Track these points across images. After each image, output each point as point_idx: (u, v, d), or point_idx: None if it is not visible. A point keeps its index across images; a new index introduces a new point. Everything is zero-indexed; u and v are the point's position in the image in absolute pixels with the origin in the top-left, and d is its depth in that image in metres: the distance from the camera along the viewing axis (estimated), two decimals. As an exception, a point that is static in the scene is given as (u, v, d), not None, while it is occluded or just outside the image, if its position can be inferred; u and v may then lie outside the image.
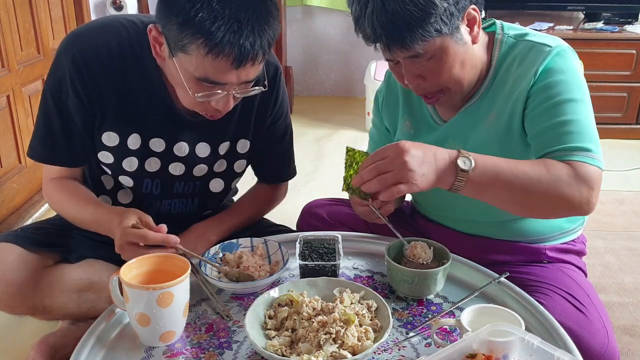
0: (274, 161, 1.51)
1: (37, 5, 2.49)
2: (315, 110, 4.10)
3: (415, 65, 1.16)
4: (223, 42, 1.04)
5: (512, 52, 1.24)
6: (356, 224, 1.48)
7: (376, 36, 1.12)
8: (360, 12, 1.13)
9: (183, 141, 1.34)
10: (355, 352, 0.98)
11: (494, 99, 1.25)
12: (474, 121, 1.28)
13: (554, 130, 1.13)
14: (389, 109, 1.45)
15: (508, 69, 1.23)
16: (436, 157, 1.07)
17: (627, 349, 1.67)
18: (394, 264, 1.16)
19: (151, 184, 1.37)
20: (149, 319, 1.02)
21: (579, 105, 1.15)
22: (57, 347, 1.40)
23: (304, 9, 4.27)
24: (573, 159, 1.09)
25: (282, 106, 1.44)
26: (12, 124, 2.36)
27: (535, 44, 1.21)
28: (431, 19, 1.08)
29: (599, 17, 3.60)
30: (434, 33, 1.10)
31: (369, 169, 1.07)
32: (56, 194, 1.34)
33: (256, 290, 1.20)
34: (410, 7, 1.07)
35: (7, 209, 2.30)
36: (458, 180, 1.07)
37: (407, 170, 1.03)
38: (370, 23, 1.11)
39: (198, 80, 1.12)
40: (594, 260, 2.13)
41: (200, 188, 1.44)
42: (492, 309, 1.04)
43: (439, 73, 1.17)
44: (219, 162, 1.41)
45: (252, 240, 1.31)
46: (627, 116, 3.47)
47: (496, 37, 1.26)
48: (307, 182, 2.85)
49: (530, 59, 1.20)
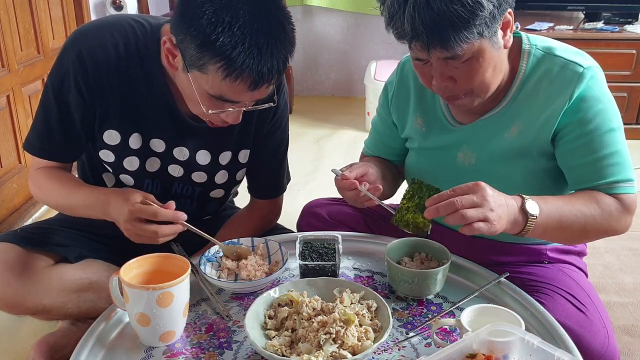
0: (267, 174, 1.48)
1: (37, 5, 2.49)
2: (315, 110, 4.10)
3: (449, 66, 1.12)
4: (242, 67, 1.05)
5: (541, 66, 1.21)
6: (356, 224, 1.48)
7: (416, 34, 1.06)
8: (399, 7, 1.06)
9: (184, 146, 1.34)
10: (355, 352, 0.98)
11: (519, 112, 1.22)
12: (493, 131, 1.25)
13: (597, 164, 1.17)
14: (399, 103, 1.41)
15: (537, 85, 1.20)
16: (507, 202, 1.07)
17: (627, 349, 1.67)
18: (394, 264, 1.16)
19: (151, 184, 1.37)
20: (149, 319, 1.02)
21: (617, 134, 1.17)
22: (57, 347, 1.40)
23: (304, 9, 4.27)
24: (619, 192, 1.16)
25: (281, 118, 1.43)
26: (12, 124, 2.36)
27: (567, 61, 1.18)
28: (477, 21, 1.05)
29: (599, 17, 3.60)
30: (476, 35, 1.07)
31: (446, 203, 1.03)
32: (43, 181, 1.32)
33: (256, 290, 1.20)
34: (457, 6, 1.02)
35: (7, 209, 2.30)
36: (528, 225, 1.08)
37: (489, 210, 1.02)
38: (410, 20, 1.05)
39: (212, 97, 1.13)
40: (594, 260, 2.13)
41: (200, 195, 1.43)
42: (492, 309, 1.04)
43: (472, 76, 1.14)
44: (221, 173, 1.41)
45: (253, 240, 1.31)
46: (627, 116, 3.47)
47: (524, 48, 1.22)
48: (307, 182, 2.85)
49: (563, 79, 1.17)
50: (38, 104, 1.31)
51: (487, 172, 1.25)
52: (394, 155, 1.48)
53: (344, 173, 1.23)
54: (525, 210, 1.08)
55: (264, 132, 1.41)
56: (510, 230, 1.08)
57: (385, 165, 1.44)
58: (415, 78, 1.31)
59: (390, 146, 1.47)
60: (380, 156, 1.49)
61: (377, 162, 1.42)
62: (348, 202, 1.29)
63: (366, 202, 1.23)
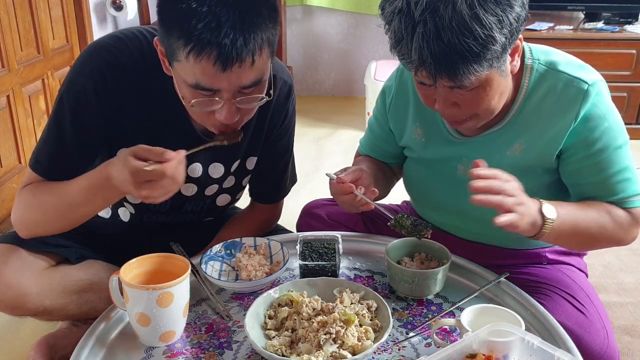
0: (270, 180, 1.47)
1: (37, 5, 2.49)
2: (315, 110, 4.10)
3: (454, 94, 1.08)
4: (201, 40, 0.99)
5: (544, 82, 1.17)
6: (355, 224, 1.48)
7: (422, 63, 1.01)
8: (406, 34, 1.00)
9: (197, 162, 1.31)
10: (355, 352, 0.98)
11: (522, 130, 1.20)
12: (495, 147, 1.23)
13: (606, 182, 1.17)
14: (397, 112, 1.37)
15: (541, 102, 1.18)
16: (529, 203, 1.07)
17: (627, 349, 1.67)
18: (394, 264, 1.16)
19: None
20: (149, 319, 1.02)
21: (623, 150, 1.17)
22: (57, 347, 1.40)
23: (304, 9, 4.27)
24: (630, 205, 1.18)
25: (289, 124, 1.41)
26: (12, 124, 2.36)
27: (571, 78, 1.15)
28: (488, 55, 1.00)
29: (599, 17, 3.60)
30: (486, 68, 1.02)
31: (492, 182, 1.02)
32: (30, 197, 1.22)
33: (256, 290, 1.20)
34: (469, 40, 0.97)
35: (7, 209, 2.30)
36: (545, 228, 1.08)
37: (522, 204, 1.03)
38: (418, 49, 1.00)
39: (192, 88, 1.07)
40: (594, 260, 2.13)
41: (209, 205, 1.42)
42: (492, 309, 1.04)
43: (478, 104, 1.10)
44: (229, 178, 1.39)
45: (256, 240, 1.31)
46: (628, 116, 3.47)
47: (526, 63, 1.18)
48: (307, 182, 2.85)
49: (568, 97, 1.15)
50: (49, 120, 1.22)
51: None
52: (389, 158, 1.46)
53: (339, 177, 1.21)
54: (543, 213, 1.07)
55: (273, 137, 1.39)
56: (528, 232, 1.07)
57: (378, 167, 1.44)
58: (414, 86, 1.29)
59: (386, 150, 1.45)
60: (375, 157, 1.48)
61: (371, 163, 1.42)
62: (343, 207, 1.26)
63: (362, 206, 1.21)
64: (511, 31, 1.01)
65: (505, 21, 0.99)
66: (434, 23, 0.97)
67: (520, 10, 1.01)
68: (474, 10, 0.96)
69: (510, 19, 0.99)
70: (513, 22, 1.00)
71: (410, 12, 0.99)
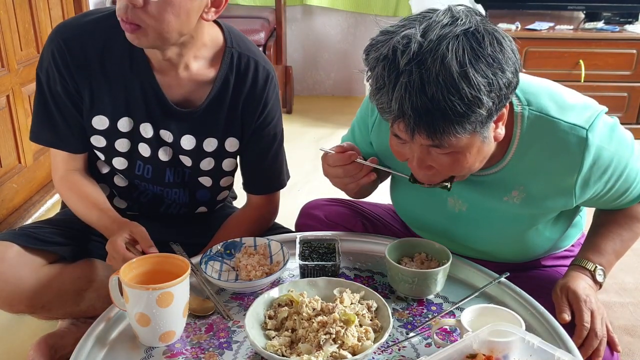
0: (260, 169, 1.47)
1: (37, 5, 2.49)
2: (315, 110, 4.10)
3: (431, 155, 1.02)
4: None
5: (537, 131, 1.10)
6: (353, 225, 1.46)
7: (402, 115, 0.94)
8: (388, 82, 0.94)
9: (168, 130, 1.36)
10: (355, 353, 0.98)
11: (519, 180, 1.14)
12: (488, 191, 1.18)
13: (626, 197, 1.21)
14: (380, 135, 1.27)
15: (539, 154, 1.11)
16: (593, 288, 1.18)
17: (627, 349, 1.67)
18: (394, 264, 1.16)
19: (143, 167, 1.39)
20: (149, 319, 1.02)
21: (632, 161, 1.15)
22: (56, 347, 1.40)
23: (304, 9, 4.26)
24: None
25: (272, 112, 1.41)
26: (12, 124, 2.36)
27: (567, 126, 1.08)
28: (472, 118, 0.93)
29: (600, 17, 3.60)
30: (468, 132, 0.95)
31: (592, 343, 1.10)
32: (66, 192, 1.38)
33: (256, 290, 1.20)
34: (454, 98, 0.90)
35: (6, 209, 2.30)
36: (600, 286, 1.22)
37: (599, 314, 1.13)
38: (399, 99, 0.93)
39: None
40: (594, 260, 2.13)
41: (190, 179, 1.44)
42: (492, 309, 1.04)
43: (454, 168, 1.04)
44: (206, 160, 1.40)
45: (256, 240, 1.31)
46: (628, 116, 3.46)
47: (516, 111, 1.10)
48: (307, 182, 2.85)
49: (569, 151, 1.09)
50: (34, 96, 1.35)
51: (480, 220, 1.22)
52: None
53: (339, 146, 1.17)
54: (598, 282, 1.20)
55: (254, 125, 1.40)
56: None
57: None
58: None
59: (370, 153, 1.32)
60: None
61: None
62: (338, 185, 1.21)
63: (365, 176, 1.16)
64: (499, 97, 0.95)
65: (495, 85, 0.93)
66: (420, 75, 0.91)
67: (512, 77, 0.96)
68: (464, 69, 0.90)
69: (500, 83, 0.93)
70: (503, 87, 0.94)
71: (396, 61, 0.92)
